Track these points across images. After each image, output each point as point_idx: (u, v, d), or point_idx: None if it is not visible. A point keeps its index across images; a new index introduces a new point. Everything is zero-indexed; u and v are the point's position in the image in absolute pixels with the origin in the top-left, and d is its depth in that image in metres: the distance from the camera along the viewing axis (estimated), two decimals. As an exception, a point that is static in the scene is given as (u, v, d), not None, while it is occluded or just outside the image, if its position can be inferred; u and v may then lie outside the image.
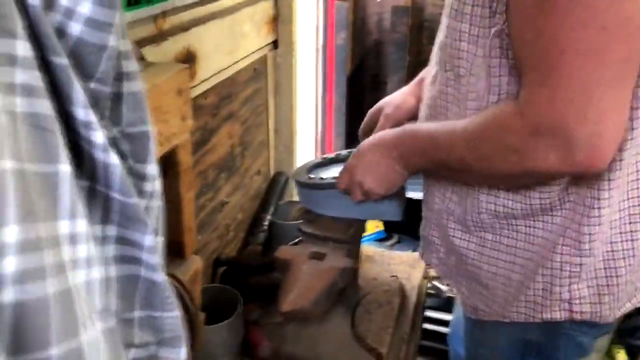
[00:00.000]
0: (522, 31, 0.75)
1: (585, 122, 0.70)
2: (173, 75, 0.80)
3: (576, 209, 0.86)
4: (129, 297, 0.53)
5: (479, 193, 0.92)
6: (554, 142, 0.73)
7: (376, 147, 1.02)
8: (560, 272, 0.90)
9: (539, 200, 0.87)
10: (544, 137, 0.73)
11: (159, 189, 0.57)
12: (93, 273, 0.44)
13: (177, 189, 0.88)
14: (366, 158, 1.03)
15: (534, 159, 0.75)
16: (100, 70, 0.45)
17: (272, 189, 1.61)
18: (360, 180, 1.04)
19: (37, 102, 0.39)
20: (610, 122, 0.72)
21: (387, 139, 1.01)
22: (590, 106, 0.70)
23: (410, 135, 0.96)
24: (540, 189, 0.87)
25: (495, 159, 0.80)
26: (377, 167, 1.01)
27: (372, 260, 1.50)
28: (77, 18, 0.43)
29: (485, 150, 0.81)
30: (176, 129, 0.83)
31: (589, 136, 0.71)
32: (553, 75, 0.71)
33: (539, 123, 0.73)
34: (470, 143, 0.82)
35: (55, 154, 0.40)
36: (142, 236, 0.51)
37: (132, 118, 0.52)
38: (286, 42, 1.57)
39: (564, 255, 0.89)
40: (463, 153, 0.84)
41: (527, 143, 0.75)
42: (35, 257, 0.37)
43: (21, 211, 0.35)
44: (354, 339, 1.20)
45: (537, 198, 0.87)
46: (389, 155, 0.99)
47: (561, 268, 0.89)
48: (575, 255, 0.88)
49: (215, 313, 1.11)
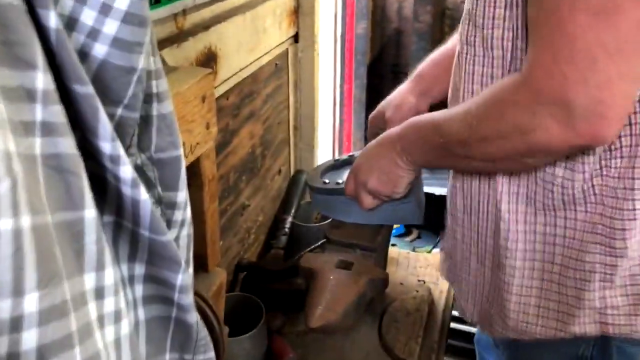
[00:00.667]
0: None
1: (586, 87, 0.64)
2: (197, 82, 0.75)
3: (606, 201, 0.78)
4: (159, 340, 0.48)
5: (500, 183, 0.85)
6: (555, 110, 0.66)
7: (380, 144, 0.98)
8: (590, 274, 0.81)
9: (561, 190, 0.80)
10: (545, 105, 0.67)
11: (190, 216, 0.52)
12: (122, 328, 0.39)
13: (201, 201, 0.83)
14: (370, 156, 0.99)
15: (536, 133, 0.69)
16: (129, 95, 0.40)
17: (293, 189, 1.55)
18: (364, 180, 1.00)
19: (59, 142, 0.33)
20: (617, 91, 0.64)
21: (391, 134, 0.96)
22: (594, 70, 0.63)
23: (413, 126, 0.90)
24: (562, 175, 0.79)
25: (497, 138, 0.74)
26: (380, 164, 0.96)
27: (397, 263, 1.45)
28: (102, 39, 0.37)
29: (486, 130, 0.75)
30: (200, 138, 0.77)
31: (590, 103, 0.64)
32: (557, 34, 0.65)
33: (540, 89, 0.67)
34: (472, 124, 0.76)
35: (80, 198, 0.35)
36: (174, 275, 0.46)
37: (162, 143, 0.47)
38: (307, 36, 1.50)
39: (595, 255, 0.80)
40: (465, 136, 0.77)
41: (529, 115, 0.69)
42: (59, 325, 0.32)
43: (42, 275, 0.30)
44: (382, 349, 1.15)
45: (559, 186, 0.80)
46: (392, 149, 0.94)
47: (592, 270, 0.81)
48: (607, 254, 0.79)
49: (238, 322, 1.07)
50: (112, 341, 0.37)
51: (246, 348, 1.08)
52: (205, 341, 0.51)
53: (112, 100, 0.40)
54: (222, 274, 0.89)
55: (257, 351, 1.11)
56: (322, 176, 1.25)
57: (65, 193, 0.34)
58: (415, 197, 1.12)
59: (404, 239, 2.42)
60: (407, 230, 2.46)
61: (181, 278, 0.46)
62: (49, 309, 0.31)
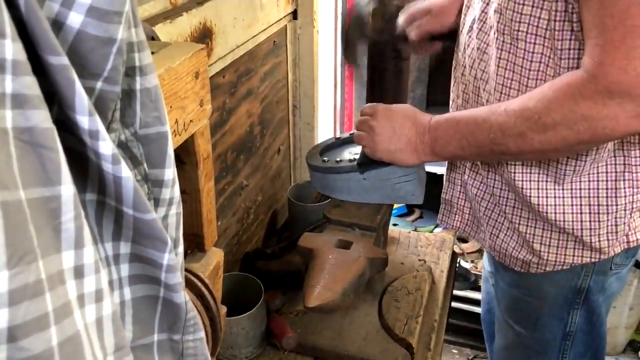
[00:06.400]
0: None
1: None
2: (189, 57, 0.73)
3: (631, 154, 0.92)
4: (147, 320, 0.47)
5: None
6: (626, 101, 0.75)
7: (411, 122, 1.02)
8: (624, 212, 0.95)
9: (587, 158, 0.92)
10: (617, 98, 0.76)
11: (178, 194, 0.51)
12: (104, 307, 0.38)
13: (196, 180, 0.82)
14: (394, 122, 1.03)
15: (603, 122, 0.78)
16: (108, 68, 0.38)
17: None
18: (373, 125, 1.04)
19: (32, 114, 0.32)
20: None
21: (424, 122, 1.01)
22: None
23: (450, 121, 0.97)
24: None
25: (563, 129, 0.82)
26: (399, 132, 1.02)
27: (398, 243, 1.44)
28: (77, 8, 0.35)
29: (552, 122, 0.82)
30: (194, 115, 0.76)
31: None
32: (629, 35, 0.73)
33: (613, 84, 0.75)
34: (532, 117, 0.83)
35: (56, 174, 0.33)
36: (160, 254, 0.45)
37: (147, 118, 0.45)
38: (306, 12, 1.47)
39: (627, 197, 0.94)
40: (522, 128, 0.85)
41: (599, 107, 0.77)
42: (32, 304, 0.30)
43: (12, 254, 0.29)
44: (382, 329, 1.15)
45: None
46: (419, 133, 1.00)
47: (625, 208, 0.95)
48: (637, 193, 0.95)
49: (237, 301, 1.06)
50: (94, 321, 0.36)
51: (245, 327, 1.08)
52: (195, 321, 0.50)
53: (90, 73, 0.38)
54: (219, 254, 0.88)
55: (256, 331, 1.10)
56: (322, 154, 1.23)
57: (40, 168, 0.33)
58: (417, 174, 1.11)
59: (405, 219, 2.41)
60: (409, 210, 2.45)
61: (168, 257, 0.45)
62: (20, 288, 0.29)
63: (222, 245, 1.21)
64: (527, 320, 1.13)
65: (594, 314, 1.07)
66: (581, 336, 1.09)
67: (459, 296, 2.11)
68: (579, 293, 1.05)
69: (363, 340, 1.12)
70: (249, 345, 1.10)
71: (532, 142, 0.85)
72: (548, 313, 1.09)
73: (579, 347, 1.10)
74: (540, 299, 1.08)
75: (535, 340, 1.13)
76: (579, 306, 1.06)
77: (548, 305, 1.08)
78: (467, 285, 2.13)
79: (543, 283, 1.06)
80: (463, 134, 0.93)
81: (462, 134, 0.93)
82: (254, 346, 1.11)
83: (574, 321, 1.08)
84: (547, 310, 1.09)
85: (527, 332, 1.14)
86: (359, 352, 1.09)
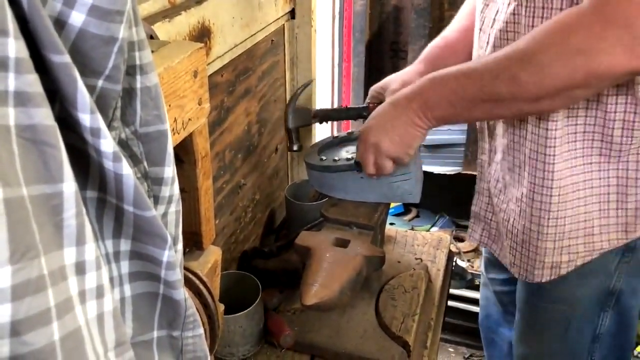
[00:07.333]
0: None
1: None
2: (188, 56, 0.73)
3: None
4: (146, 317, 0.48)
5: None
6: (625, 34, 0.72)
7: (394, 104, 0.97)
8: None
9: None
10: (616, 30, 0.72)
11: (178, 192, 0.51)
12: (105, 303, 0.38)
13: (194, 178, 0.83)
14: (382, 117, 0.98)
15: (600, 56, 0.74)
16: (110, 66, 0.39)
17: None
18: (376, 142, 0.99)
19: (34, 112, 0.32)
20: None
21: (405, 92, 0.96)
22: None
23: (437, 80, 0.92)
24: None
25: (557, 65, 0.77)
26: (393, 123, 0.97)
27: (395, 242, 1.44)
28: (79, 7, 0.36)
29: (545, 57, 0.78)
30: (192, 114, 0.76)
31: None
32: None
33: (613, 13, 0.72)
34: (525, 57, 0.80)
35: (58, 171, 0.34)
36: (160, 251, 0.45)
37: (147, 116, 0.45)
38: (304, 12, 1.48)
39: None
40: (514, 71, 0.81)
41: (596, 39, 0.74)
42: (35, 300, 0.31)
43: (15, 249, 0.29)
44: (379, 327, 1.15)
45: None
46: (408, 107, 0.95)
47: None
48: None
49: (234, 299, 1.06)
50: (95, 317, 0.37)
51: (243, 326, 1.08)
52: (194, 318, 0.50)
53: (92, 71, 0.39)
54: (217, 252, 0.89)
55: (254, 329, 1.11)
56: (319, 153, 1.24)
57: (42, 166, 0.33)
58: (414, 173, 1.11)
59: (402, 218, 2.41)
60: (406, 209, 2.46)
61: (167, 254, 0.45)
62: (23, 283, 0.30)
63: (220, 243, 1.21)
64: (556, 328, 1.10)
65: (625, 317, 1.05)
66: (608, 339, 1.07)
67: (455, 295, 2.12)
68: (611, 295, 1.03)
69: (360, 338, 1.12)
70: (247, 343, 1.11)
71: (526, 86, 0.81)
72: (579, 318, 1.06)
73: (604, 349, 1.09)
74: (571, 305, 1.06)
75: (565, 346, 1.11)
76: (609, 308, 1.04)
77: (579, 310, 1.06)
78: (464, 284, 2.14)
79: (576, 288, 1.04)
80: (452, 88, 0.89)
81: (451, 88, 0.89)
82: (252, 344, 1.12)
83: (604, 323, 1.06)
84: (579, 315, 1.06)
85: (555, 340, 1.11)
86: (356, 350, 1.09)
